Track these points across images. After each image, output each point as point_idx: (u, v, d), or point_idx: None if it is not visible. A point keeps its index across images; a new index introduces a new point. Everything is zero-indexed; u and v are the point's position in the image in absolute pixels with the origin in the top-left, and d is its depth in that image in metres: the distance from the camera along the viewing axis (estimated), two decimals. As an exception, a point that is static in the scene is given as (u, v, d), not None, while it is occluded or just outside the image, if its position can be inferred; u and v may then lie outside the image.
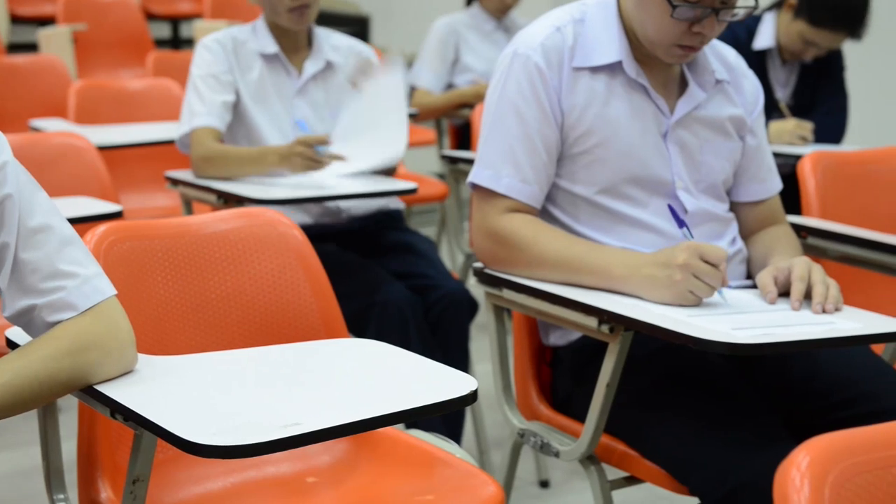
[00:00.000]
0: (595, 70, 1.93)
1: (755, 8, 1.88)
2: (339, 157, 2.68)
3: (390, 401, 1.35)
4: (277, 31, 2.90)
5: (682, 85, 2.00)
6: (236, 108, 2.86)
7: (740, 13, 1.87)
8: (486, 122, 1.97)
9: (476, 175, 1.97)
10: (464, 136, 4.29)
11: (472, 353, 2.84)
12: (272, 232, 1.93)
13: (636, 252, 1.86)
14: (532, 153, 1.92)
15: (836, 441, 1.02)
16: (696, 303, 1.73)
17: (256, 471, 1.78)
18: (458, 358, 2.74)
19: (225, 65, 2.85)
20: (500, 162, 1.93)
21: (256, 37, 2.90)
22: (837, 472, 0.99)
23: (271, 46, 2.89)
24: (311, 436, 1.25)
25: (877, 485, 1.00)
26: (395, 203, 3.02)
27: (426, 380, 1.48)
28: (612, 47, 1.93)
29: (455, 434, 2.74)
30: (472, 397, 1.39)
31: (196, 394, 1.43)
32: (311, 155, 2.64)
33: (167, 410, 1.33)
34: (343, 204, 2.85)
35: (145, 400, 1.36)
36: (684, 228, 1.81)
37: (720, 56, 2.04)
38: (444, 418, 2.68)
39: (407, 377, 1.50)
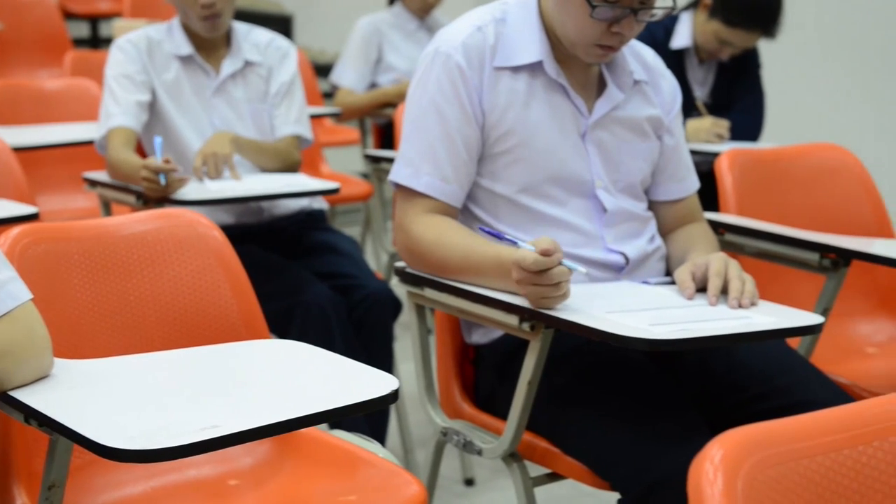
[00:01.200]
0: (516, 70, 1.94)
1: (673, 8, 1.91)
2: (183, 181, 2.55)
3: (310, 401, 1.35)
4: (192, 33, 2.87)
5: (601, 85, 2.02)
6: (154, 109, 2.83)
7: (658, 13, 1.89)
8: (406, 120, 1.98)
9: (396, 173, 1.97)
10: (388, 136, 4.29)
11: (396, 352, 2.85)
12: (191, 233, 1.91)
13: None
14: (452, 152, 1.92)
15: (749, 434, 1.03)
16: (562, 300, 1.71)
17: (177, 474, 1.76)
18: (382, 358, 2.74)
19: (138, 64, 2.81)
20: (420, 160, 1.93)
21: (171, 37, 2.87)
22: (750, 465, 1.00)
23: (186, 48, 2.86)
24: (229, 438, 1.24)
25: (789, 476, 1.02)
26: (318, 203, 3.01)
27: (347, 380, 1.47)
28: (532, 47, 1.94)
29: (380, 434, 2.73)
30: (392, 397, 1.39)
31: (113, 398, 1.41)
32: (152, 181, 2.50)
33: (83, 415, 1.32)
34: (265, 204, 2.83)
35: (60, 405, 1.34)
36: (506, 238, 1.78)
37: (638, 56, 2.06)
38: (369, 418, 2.68)
39: (328, 377, 1.49)
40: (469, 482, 3.00)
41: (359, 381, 1.44)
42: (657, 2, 1.87)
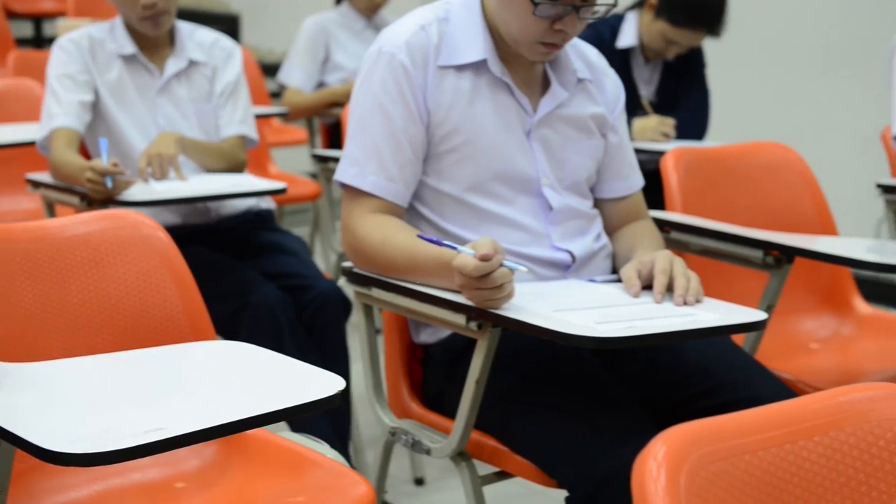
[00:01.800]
0: (460, 68, 1.95)
1: (614, 5, 1.92)
2: (129, 183, 2.53)
3: (255, 403, 1.34)
4: (135, 32, 2.84)
5: (545, 84, 2.02)
6: (97, 109, 2.80)
7: (601, 10, 1.90)
8: (351, 120, 1.97)
9: (341, 173, 1.96)
10: (336, 135, 4.28)
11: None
12: (136, 234, 1.90)
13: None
14: (397, 151, 1.92)
15: (691, 431, 1.04)
16: (507, 301, 1.72)
17: (122, 478, 1.74)
18: (335, 358, 2.73)
19: (80, 64, 2.79)
20: (366, 160, 1.93)
21: (114, 37, 2.84)
22: (692, 461, 1.01)
23: (129, 47, 2.83)
24: (173, 441, 1.24)
25: (730, 472, 1.03)
26: (266, 203, 2.99)
27: (293, 381, 1.47)
28: (476, 46, 1.95)
29: (342, 435, 2.73)
30: (338, 397, 1.39)
31: (56, 401, 1.40)
32: (97, 183, 2.48)
33: (24, 419, 1.30)
34: (211, 204, 2.81)
35: (2, 408, 1.32)
36: (444, 244, 1.77)
37: (582, 55, 2.08)
38: (332, 420, 2.67)
39: (273, 379, 1.48)
40: (419, 482, 3.00)
41: (304, 382, 1.44)
42: None
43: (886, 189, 2.85)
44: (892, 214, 2.88)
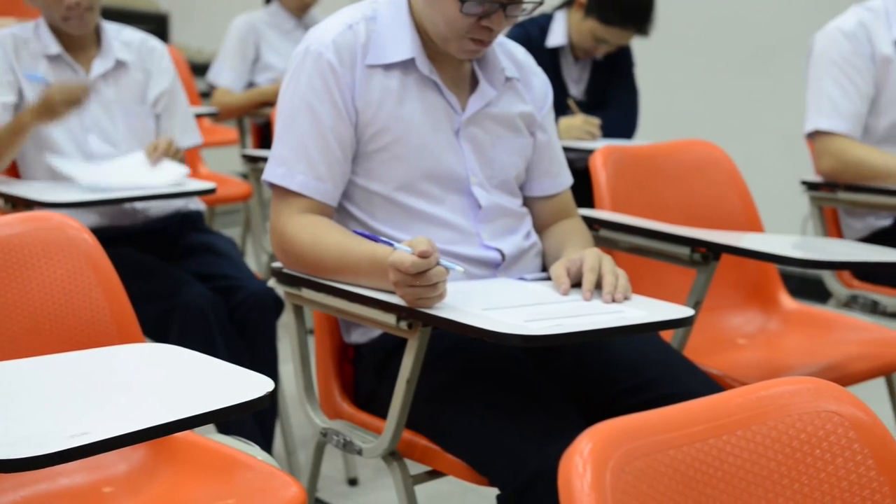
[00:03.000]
0: (388, 67, 1.95)
1: (541, 3, 1.93)
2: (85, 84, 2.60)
3: (182, 405, 1.33)
4: (59, 31, 2.81)
5: (474, 83, 2.03)
6: (21, 110, 2.76)
7: (528, 7, 1.91)
8: (279, 120, 1.96)
9: (269, 173, 1.95)
10: (266, 135, 4.25)
11: (279, 353, 2.82)
12: (60, 236, 1.87)
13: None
14: (326, 150, 1.92)
15: (617, 427, 1.05)
16: (439, 301, 1.72)
17: (49, 483, 1.72)
18: (266, 359, 2.72)
19: (4, 64, 2.74)
20: (295, 159, 1.92)
21: (38, 37, 2.80)
22: (618, 457, 1.02)
23: (54, 47, 2.79)
24: (99, 445, 1.22)
25: (655, 467, 1.04)
26: (195, 203, 2.97)
27: (220, 382, 1.46)
28: (404, 44, 1.95)
29: (268, 435, 2.72)
30: (267, 399, 1.38)
31: (-22, 406, 1.37)
32: (70, 93, 2.53)
33: (-55, 425, 1.28)
34: (139, 205, 2.78)
35: (-79, 415, 1.30)
36: (381, 239, 1.79)
37: (510, 54, 2.09)
38: (259, 421, 2.66)
39: (201, 381, 1.47)
40: (352, 482, 2.99)
41: (232, 384, 1.43)
42: None
43: (811, 186, 2.90)
44: (816, 211, 2.93)
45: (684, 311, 1.75)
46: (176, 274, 2.68)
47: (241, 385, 1.42)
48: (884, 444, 1.13)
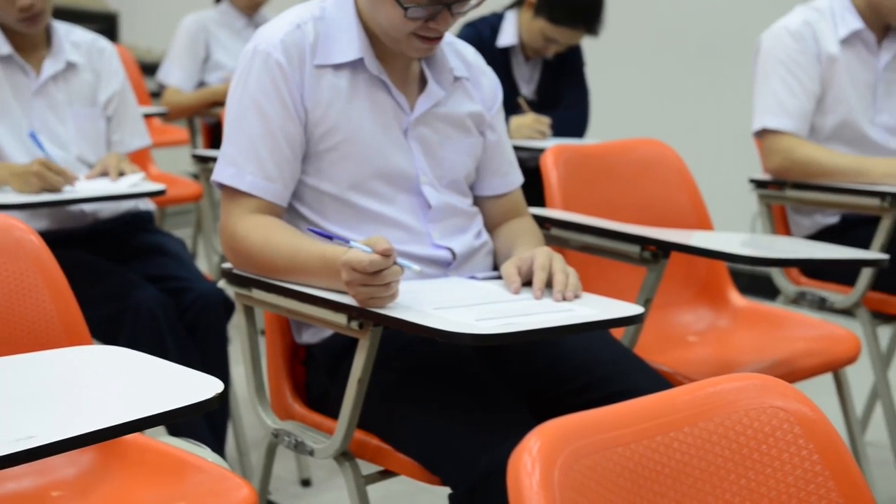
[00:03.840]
0: (337, 67, 1.94)
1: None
2: (72, 179, 2.55)
3: (131, 408, 1.32)
4: (9, 31, 2.77)
5: (423, 82, 2.03)
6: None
7: (473, 1, 1.91)
8: (228, 120, 1.95)
9: (219, 173, 1.94)
10: (217, 135, 4.23)
11: (229, 354, 2.81)
12: (7, 238, 1.85)
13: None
14: (275, 150, 1.91)
15: (565, 425, 1.05)
16: (391, 301, 1.72)
17: (-4, 488, 1.70)
18: (217, 360, 2.70)
19: None
20: (244, 160, 1.91)
21: (-11, 37, 2.77)
22: (566, 455, 1.02)
23: (4, 47, 2.76)
24: (45, 448, 1.20)
25: (603, 464, 1.04)
26: (145, 204, 2.94)
27: (169, 384, 1.44)
28: (352, 45, 1.95)
29: (220, 437, 2.70)
30: (216, 400, 1.37)
31: (-78, 411, 1.35)
32: (50, 179, 2.49)
33: None
34: (87, 207, 2.76)
35: None
36: (336, 237, 1.79)
37: (459, 54, 2.09)
38: (210, 422, 2.64)
39: (149, 382, 1.46)
40: (305, 483, 2.99)
41: (182, 385, 1.42)
42: None
43: (759, 184, 2.92)
44: (765, 209, 2.96)
45: (634, 309, 1.76)
46: (126, 276, 2.65)
47: (191, 386, 1.40)
48: (828, 439, 1.14)
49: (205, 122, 4.37)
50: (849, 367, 2.51)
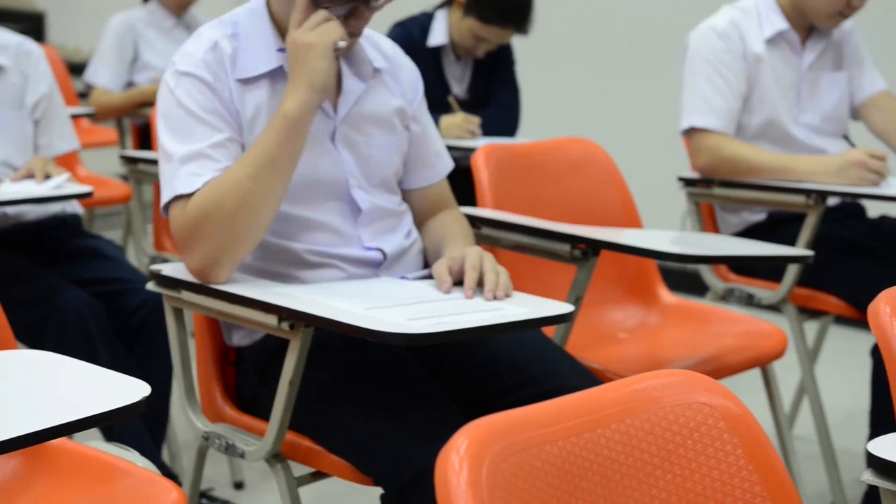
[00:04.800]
0: (257, 79, 1.92)
1: None
2: None
3: (54, 413, 1.30)
4: None
5: (341, 82, 2.01)
6: None
7: None
8: (167, 140, 1.88)
9: (176, 188, 1.87)
10: (146, 136, 4.18)
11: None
12: (-73, 241, 1.81)
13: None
14: (228, 158, 1.85)
15: (493, 423, 1.06)
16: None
17: (-84, 496, 1.67)
18: (161, 363, 2.66)
19: None
20: (200, 169, 1.84)
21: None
22: (494, 454, 1.03)
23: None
24: (-35, 456, 1.19)
25: (531, 462, 1.05)
26: (73, 208, 2.90)
27: (95, 388, 1.43)
28: (269, 55, 1.92)
29: (159, 441, 2.67)
30: (143, 404, 1.36)
31: None
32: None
33: None
34: (10, 210, 2.71)
35: None
36: None
37: (377, 46, 2.08)
38: (149, 427, 2.60)
39: (74, 387, 1.44)
40: (239, 485, 2.97)
41: (107, 389, 1.40)
42: None
43: (687, 182, 2.96)
44: (693, 207, 2.99)
45: (564, 308, 1.77)
46: (51, 279, 2.61)
47: (117, 390, 1.39)
48: (752, 434, 1.16)
49: (134, 122, 4.32)
50: (776, 362, 2.55)
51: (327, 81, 1.84)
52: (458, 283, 1.86)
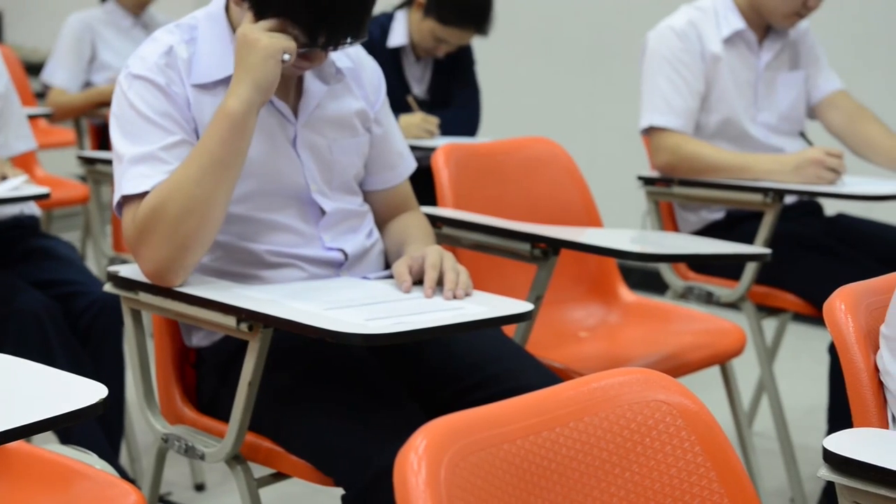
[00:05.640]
0: (214, 85, 1.90)
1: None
2: None
3: (9, 415, 1.29)
4: None
5: (302, 85, 2.00)
6: None
7: (348, 43, 1.88)
8: (120, 143, 1.87)
9: (125, 187, 1.86)
10: (105, 136, 4.15)
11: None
12: None
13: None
14: (180, 158, 1.84)
15: (452, 423, 1.06)
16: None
17: None
18: (112, 366, 2.65)
19: None
20: (150, 171, 1.82)
21: None
22: (452, 453, 1.03)
23: None
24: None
25: (489, 461, 1.05)
26: (30, 209, 2.87)
27: (52, 391, 1.42)
28: (227, 60, 1.89)
29: (116, 444, 2.65)
30: (101, 406, 1.35)
31: None
32: None
33: None
34: (-35, 212, 2.69)
35: None
36: None
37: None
38: (106, 430, 2.59)
39: (31, 389, 1.43)
40: (199, 487, 2.95)
41: (64, 392, 1.39)
42: None
43: (647, 181, 2.97)
44: (653, 206, 3.01)
45: (524, 306, 1.77)
46: (8, 281, 2.59)
47: (74, 393, 1.38)
48: (709, 431, 1.17)
49: (92, 122, 4.28)
50: (736, 359, 2.57)
51: (272, 84, 1.80)
52: (419, 282, 1.86)
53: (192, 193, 1.78)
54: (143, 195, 1.83)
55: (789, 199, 2.92)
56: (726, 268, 2.89)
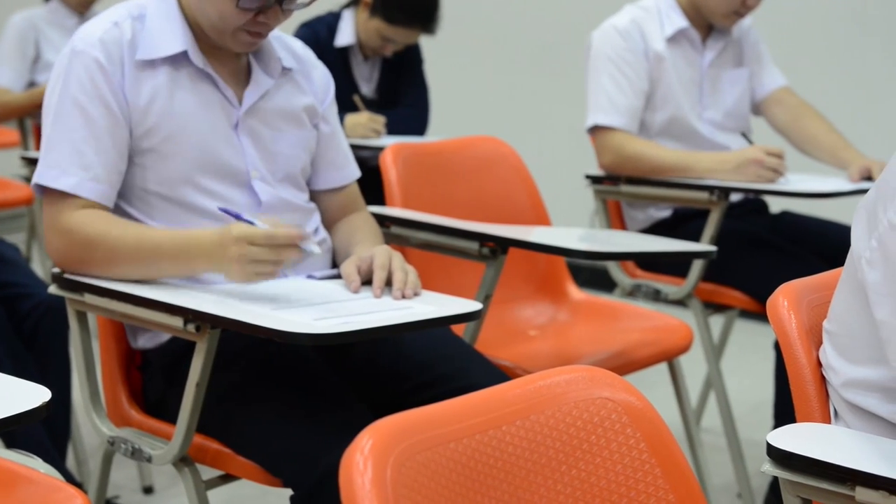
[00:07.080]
0: (157, 63, 1.91)
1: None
2: None
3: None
4: None
5: (251, 76, 2.01)
6: None
7: (304, 1, 1.90)
8: (47, 123, 1.89)
9: (41, 176, 1.88)
10: (50, 137, 4.10)
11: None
12: None
13: (207, 234, 1.82)
14: (101, 151, 1.87)
15: (398, 422, 1.06)
16: (271, 278, 1.77)
17: None
18: (58, 369, 2.62)
19: None
20: (67, 161, 1.86)
21: None
22: (398, 453, 1.03)
23: None
24: None
25: (436, 460, 1.05)
26: (-28, 209, 2.85)
27: (-6, 395, 1.40)
28: (175, 38, 1.91)
29: (62, 447, 2.62)
30: (44, 409, 1.33)
31: None
32: None
33: None
34: None
35: None
36: (243, 218, 1.80)
37: (288, 47, 2.08)
38: (51, 433, 2.56)
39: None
40: (148, 490, 2.93)
41: (7, 395, 1.37)
42: None
43: (595, 180, 2.99)
44: (601, 204, 3.02)
45: (472, 305, 1.78)
46: (-50, 283, 2.55)
47: (17, 396, 1.36)
48: (654, 428, 1.17)
49: (36, 123, 4.22)
50: (683, 356, 2.59)
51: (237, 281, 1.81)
52: (367, 282, 1.86)
53: (118, 259, 1.84)
54: (62, 193, 1.86)
55: (735, 197, 2.95)
56: (673, 265, 2.91)
